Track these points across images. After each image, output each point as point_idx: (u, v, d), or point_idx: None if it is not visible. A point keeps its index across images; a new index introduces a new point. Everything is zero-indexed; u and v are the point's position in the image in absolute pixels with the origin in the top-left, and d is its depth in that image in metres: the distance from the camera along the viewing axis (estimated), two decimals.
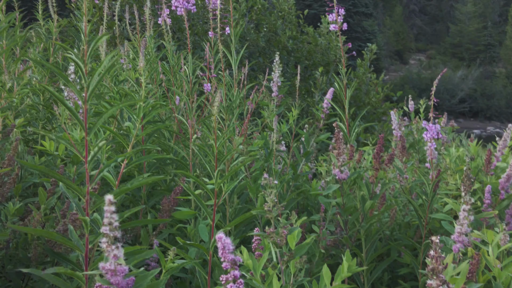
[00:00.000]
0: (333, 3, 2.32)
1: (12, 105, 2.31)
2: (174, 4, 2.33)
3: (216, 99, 1.27)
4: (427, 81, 38.30)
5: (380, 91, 9.19)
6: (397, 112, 3.07)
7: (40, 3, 2.94)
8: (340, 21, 2.39)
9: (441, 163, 2.52)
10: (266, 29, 9.48)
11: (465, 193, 1.60)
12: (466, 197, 1.57)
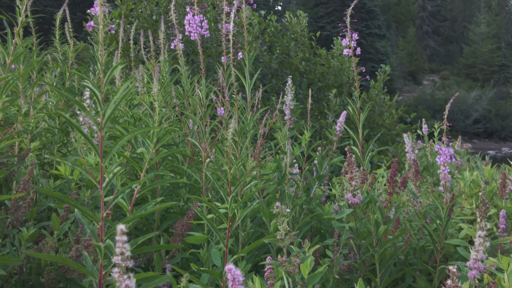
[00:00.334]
0: (347, 28, 2.33)
1: (28, 128, 2.34)
2: (187, 30, 2.35)
3: (230, 125, 1.28)
4: (441, 102, 38.19)
5: (393, 113, 9.16)
6: (410, 136, 3.06)
7: (57, 27, 2.99)
8: (354, 46, 2.40)
9: (455, 187, 2.50)
10: (279, 51, 9.53)
11: (480, 219, 1.58)
12: (482, 223, 1.56)
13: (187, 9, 2.40)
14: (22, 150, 2.33)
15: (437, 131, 2.99)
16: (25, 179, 1.90)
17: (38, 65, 2.59)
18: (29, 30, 2.85)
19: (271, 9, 48.90)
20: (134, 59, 6.04)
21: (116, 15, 7.74)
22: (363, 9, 36.57)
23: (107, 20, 1.20)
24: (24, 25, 2.37)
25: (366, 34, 36.51)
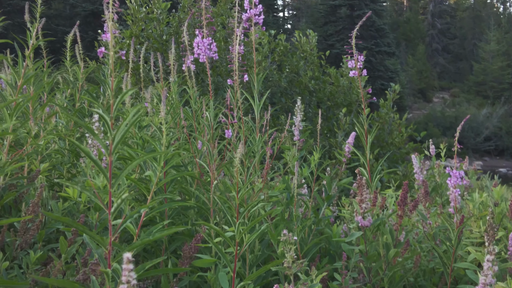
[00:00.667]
0: (352, 50, 2.34)
1: (38, 150, 2.35)
2: (196, 52, 2.37)
3: (238, 150, 1.28)
4: (451, 119, 38.02)
5: (403, 131, 9.14)
6: (418, 156, 3.05)
7: (68, 49, 3.02)
8: (360, 67, 2.40)
9: (465, 208, 2.48)
10: (288, 70, 9.56)
11: (488, 243, 1.57)
12: (490, 247, 1.54)
13: (196, 32, 2.42)
14: (31, 171, 2.35)
15: (443, 151, 2.98)
16: (34, 201, 1.91)
17: (48, 86, 2.61)
18: (40, 52, 2.89)
19: (281, 27, 49.19)
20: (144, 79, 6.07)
21: (127, 35, 7.82)
22: (372, 27, 36.67)
23: (117, 48, 1.22)
24: (35, 47, 2.40)
25: (376, 52, 36.55)
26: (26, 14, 2.38)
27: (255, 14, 2.43)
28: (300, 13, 58.57)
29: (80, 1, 32.63)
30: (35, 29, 2.26)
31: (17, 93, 2.20)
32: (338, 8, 39.16)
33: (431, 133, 33.77)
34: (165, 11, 8.02)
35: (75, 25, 2.86)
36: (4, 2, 27.17)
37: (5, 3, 27.24)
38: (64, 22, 32.77)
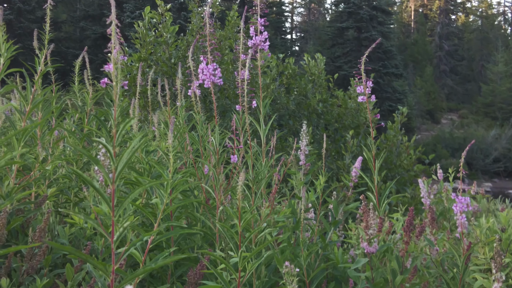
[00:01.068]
0: (361, 76, 2.35)
1: (45, 175, 2.37)
2: (201, 78, 2.39)
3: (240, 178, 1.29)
4: (460, 141, 37.85)
5: (412, 154, 9.12)
6: (425, 181, 3.04)
7: (76, 74, 3.05)
8: (368, 93, 2.41)
9: (472, 233, 2.47)
10: (296, 93, 9.60)
11: (496, 270, 1.56)
12: (497, 275, 1.53)
13: (201, 58, 2.44)
14: (39, 196, 2.36)
15: (452, 175, 2.97)
16: (41, 227, 1.92)
17: (57, 111, 2.64)
18: (49, 76, 2.92)
19: (289, 49, 49.47)
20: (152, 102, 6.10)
21: (136, 58, 7.90)
22: (380, 49, 36.81)
23: (120, 77, 1.23)
24: (44, 73, 2.43)
25: (383, 73, 36.62)
26: (34, 41, 2.41)
27: (261, 41, 2.46)
28: (308, 35, 58.96)
29: (90, 24, 33.06)
30: (43, 55, 2.30)
31: (25, 119, 2.22)
32: (345, 31, 39.40)
33: (439, 154, 33.62)
34: (173, 35, 8.10)
35: (84, 50, 2.89)
36: (14, 25, 27.57)
37: (15, 26, 27.64)
38: (74, 44, 33.16)
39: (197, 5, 8.87)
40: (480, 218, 2.38)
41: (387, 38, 38.50)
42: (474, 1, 66.87)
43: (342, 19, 40.32)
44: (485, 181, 34.68)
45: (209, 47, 2.44)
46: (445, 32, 58.60)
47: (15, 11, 27.92)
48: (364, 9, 37.83)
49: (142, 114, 7.75)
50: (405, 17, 67.12)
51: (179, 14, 27.53)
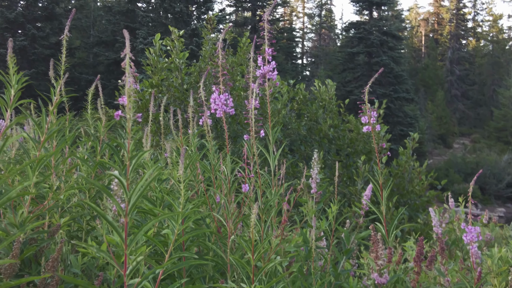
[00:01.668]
0: (366, 106, 2.37)
1: (59, 204, 2.39)
2: (213, 108, 2.42)
3: (253, 211, 1.30)
4: (473, 165, 37.57)
5: (424, 179, 9.07)
6: (437, 209, 3.03)
7: (89, 102, 3.10)
8: (373, 122, 2.42)
9: (484, 263, 2.45)
10: (307, 118, 9.64)
11: None
12: None
13: (213, 88, 2.48)
14: (52, 225, 2.38)
15: (462, 204, 2.96)
16: (54, 256, 1.93)
17: (70, 140, 2.67)
18: (63, 105, 2.96)
19: (299, 74, 49.72)
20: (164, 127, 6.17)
21: (147, 84, 7.98)
22: (391, 74, 36.85)
23: (133, 110, 1.26)
24: (59, 104, 2.47)
25: (394, 98, 36.61)
26: (50, 70, 2.46)
27: (269, 70, 2.49)
28: (319, 60, 59.26)
29: (103, 50, 33.46)
30: (59, 86, 2.34)
31: (39, 148, 2.26)
32: (356, 56, 39.55)
33: (452, 179, 33.38)
34: (185, 61, 8.19)
35: (97, 78, 2.94)
36: (28, 51, 27.98)
37: (29, 52, 28.05)
38: (87, 70, 33.56)
39: (210, 32, 8.98)
40: (492, 248, 2.36)
41: (397, 63, 38.59)
42: (485, 26, 66.93)
43: (353, 44, 40.50)
44: (498, 206, 34.29)
45: (221, 77, 2.47)
46: (456, 57, 58.66)
47: (29, 37, 28.34)
48: (375, 34, 38.01)
49: (154, 139, 7.81)
50: (415, 42, 67.36)
51: (191, 40, 27.83)
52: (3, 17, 27.91)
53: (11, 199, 1.70)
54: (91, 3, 39.67)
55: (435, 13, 67.03)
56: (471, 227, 1.97)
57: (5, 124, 1.99)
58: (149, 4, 35.13)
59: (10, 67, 1.94)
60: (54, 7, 30.01)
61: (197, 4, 31.94)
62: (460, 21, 63.25)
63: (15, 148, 2.91)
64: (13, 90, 1.95)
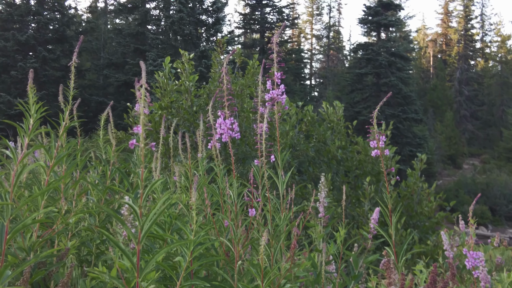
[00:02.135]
0: (374, 130, 2.37)
1: (68, 227, 2.41)
2: (219, 132, 2.44)
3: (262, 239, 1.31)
4: (483, 186, 37.32)
5: (432, 200, 9.03)
6: (447, 233, 3.02)
7: (101, 128, 3.13)
8: (382, 146, 2.43)
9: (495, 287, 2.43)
10: (316, 139, 9.65)
11: None
12: None
13: (218, 113, 2.50)
14: (61, 249, 2.39)
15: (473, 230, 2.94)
16: (64, 281, 1.94)
17: (81, 164, 2.70)
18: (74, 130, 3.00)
19: (308, 95, 49.87)
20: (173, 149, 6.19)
21: (157, 107, 8.04)
22: (399, 95, 36.88)
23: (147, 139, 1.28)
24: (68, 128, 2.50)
25: (403, 118, 36.58)
26: (60, 95, 2.49)
27: (278, 94, 2.51)
28: (327, 81, 59.45)
29: (113, 72, 33.78)
30: (68, 110, 2.37)
31: (49, 173, 2.28)
32: (364, 76, 39.66)
33: (462, 200, 33.14)
34: (194, 83, 8.25)
35: (109, 105, 2.98)
36: (39, 73, 28.27)
37: (40, 74, 28.34)
38: (97, 92, 33.86)
39: (219, 54, 9.07)
40: (501, 272, 2.35)
41: (406, 84, 38.64)
42: (493, 47, 67.02)
43: (361, 65, 40.64)
44: (509, 227, 33.97)
45: (226, 102, 2.49)
46: (464, 78, 58.68)
47: (40, 59, 28.67)
48: (383, 55, 38.15)
49: (163, 161, 7.84)
50: (424, 63, 67.51)
51: (200, 62, 28.05)
52: (15, 40, 28.28)
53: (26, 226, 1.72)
54: (102, 25, 40.18)
55: (443, 34, 67.25)
56: (473, 252, 1.96)
57: (22, 152, 2.02)
58: (158, 26, 35.54)
59: (30, 97, 1.98)
60: (65, 30, 30.39)
61: (206, 27, 32.27)
62: (468, 42, 63.41)
63: (26, 172, 2.93)
64: (32, 119, 1.98)
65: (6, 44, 28.11)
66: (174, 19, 30.04)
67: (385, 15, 39.01)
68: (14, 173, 1.92)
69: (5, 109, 26.04)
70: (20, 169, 1.88)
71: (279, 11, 43.66)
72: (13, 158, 2.02)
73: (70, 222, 2.36)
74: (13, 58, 28.22)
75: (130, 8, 36.54)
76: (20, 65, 27.44)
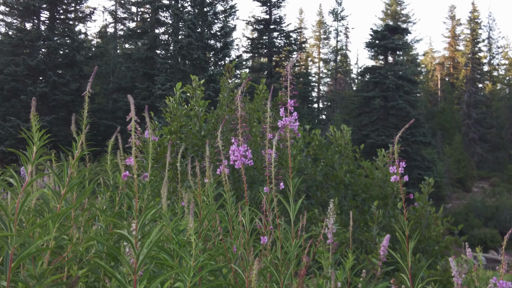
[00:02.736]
0: (394, 156, 2.37)
1: (77, 255, 2.42)
2: (232, 159, 2.46)
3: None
4: (492, 210, 37.02)
5: (440, 224, 8.97)
6: (455, 259, 3.00)
7: (109, 153, 3.16)
8: (401, 173, 2.42)
9: None
10: (323, 163, 9.65)
11: None
12: None
13: (232, 140, 2.52)
14: (71, 276, 2.40)
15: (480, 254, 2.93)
16: None
17: (89, 191, 2.72)
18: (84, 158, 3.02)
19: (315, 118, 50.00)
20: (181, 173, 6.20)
21: (166, 131, 8.09)
22: (407, 118, 36.88)
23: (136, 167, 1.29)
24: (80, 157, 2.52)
25: (411, 141, 36.53)
26: (72, 125, 2.53)
27: (291, 121, 2.52)
28: (335, 104, 59.57)
29: (122, 96, 34.07)
30: (80, 140, 2.40)
31: (60, 201, 2.30)
32: (372, 100, 39.74)
33: (472, 223, 32.87)
34: (204, 108, 8.31)
35: (117, 131, 3.01)
36: (49, 97, 28.54)
37: (50, 98, 28.60)
38: (107, 115, 34.12)
39: (228, 80, 9.13)
40: None
41: (413, 107, 38.67)
42: (501, 70, 67.10)
43: (369, 88, 40.76)
44: None
45: (240, 129, 2.51)
46: (472, 101, 58.66)
47: (50, 83, 28.95)
48: (390, 78, 38.26)
49: (171, 186, 7.85)
50: (431, 86, 67.57)
51: (208, 86, 28.26)
52: (25, 64, 28.61)
53: (31, 254, 1.74)
54: (111, 50, 40.65)
55: (451, 57, 67.42)
56: (503, 282, 1.95)
57: (27, 179, 2.04)
58: (167, 51, 35.91)
59: (33, 125, 2.01)
60: (75, 55, 30.74)
61: (214, 51, 32.56)
62: (476, 65, 63.53)
63: (35, 198, 2.96)
64: (35, 147, 2.01)
65: (16, 69, 28.44)
66: (183, 44, 30.35)
67: (392, 39, 39.22)
68: (18, 201, 1.94)
69: (15, 133, 26.25)
70: (24, 198, 1.91)
71: (286, 36, 44.01)
72: (17, 186, 2.05)
73: (80, 250, 2.38)
74: (23, 82, 28.54)
75: (139, 33, 37.01)
76: (30, 90, 27.71)
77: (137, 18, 42.75)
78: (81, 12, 35.13)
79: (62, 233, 2.22)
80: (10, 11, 31.44)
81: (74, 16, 33.99)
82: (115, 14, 47.63)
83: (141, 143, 5.71)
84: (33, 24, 31.86)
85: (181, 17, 32.42)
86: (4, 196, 3.69)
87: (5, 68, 28.80)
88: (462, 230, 9.12)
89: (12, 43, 29.64)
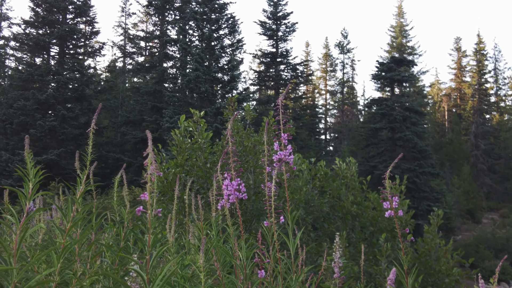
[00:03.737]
0: (386, 191, 2.40)
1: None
2: (226, 194, 2.49)
3: None
4: (503, 241, 36.61)
5: (449, 258, 8.89)
6: None
7: (115, 189, 3.20)
8: (395, 207, 2.45)
9: None
10: (330, 195, 9.64)
11: None
12: None
13: (225, 175, 2.55)
14: None
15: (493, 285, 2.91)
16: None
17: (96, 227, 2.75)
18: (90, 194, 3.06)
19: (323, 149, 49.99)
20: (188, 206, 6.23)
21: (172, 164, 8.14)
22: (415, 149, 36.80)
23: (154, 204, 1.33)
24: (85, 192, 2.56)
25: (420, 173, 36.35)
26: (76, 161, 2.57)
27: (285, 155, 2.56)
28: (342, 136, 59.65)
29: (131, 129, 34.31)
30: (85, 176, 2.44)
31: (65, 236, 2.33)
32: (379, 131, 39.75)
33: (482, 255, 32.47)
34: (208, 140, 8.37)
35: (122, 167, 3.05)
36: (58, 131, 28.75)
37: (59, 132, 28.81)
38: (115, 148, 34.31)
39: (231, 112, 9.22)
40: None
41: (421, 138, 38.61)
42: (508, 101, 67.13)
43: (376, 120, 40.82)
44: None
45: (232, 164, 2.55)
46: (480, 131, 58.55)
47: (59, 117, 29.20)
48: (397, 110, 38.33)
49: (178, 218, 7.87)
50: (438, 117, 67.59)
51: (216, 118, 28.41)
52: (34, 99, 28.94)
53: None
54: (120, 84, 41.14)
55: (457, 89, 67.59)
56: None
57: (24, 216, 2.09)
58: (175, 84, 36.29)
59: (28, 162, 2.06)
60: (84, 89, 31.07)
61: (221, 84, 32.84)
62: (483, 96, 63.63)
63: (42, 234, 3.00)
64: (31, 183, 2.06)
65: (26, 103, 28.76)
66: (191, 77, 30.66)
67: (398, 71, 39.43)
68: (17, 237, 1.99)
69: (23, 167, 26.35)
70: (23, 233, 1.95)
71: (293, 68, 44.37)
72: (15, 222, 2.09)
73: (85, 285, 2.40)
74: (33, 116, 28.82)
75: (148, 67, 37.47)
76: (39, 124, 27.97)
77: (146, 53, 43.36)
78: (91, 47, 35.71)
79: (66, 267, 2.24)
80: (21, 46, 31.98)
81: (83, 51, 34.53)
82: (124, 48, 48.39)
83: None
84: (43, 59, 32.33)
85: (189, 51, 32.84)
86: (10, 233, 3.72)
87: (14, 103, 29.14)
88: (473, 262, 9.02)
89: (22, 77, 30.05)
